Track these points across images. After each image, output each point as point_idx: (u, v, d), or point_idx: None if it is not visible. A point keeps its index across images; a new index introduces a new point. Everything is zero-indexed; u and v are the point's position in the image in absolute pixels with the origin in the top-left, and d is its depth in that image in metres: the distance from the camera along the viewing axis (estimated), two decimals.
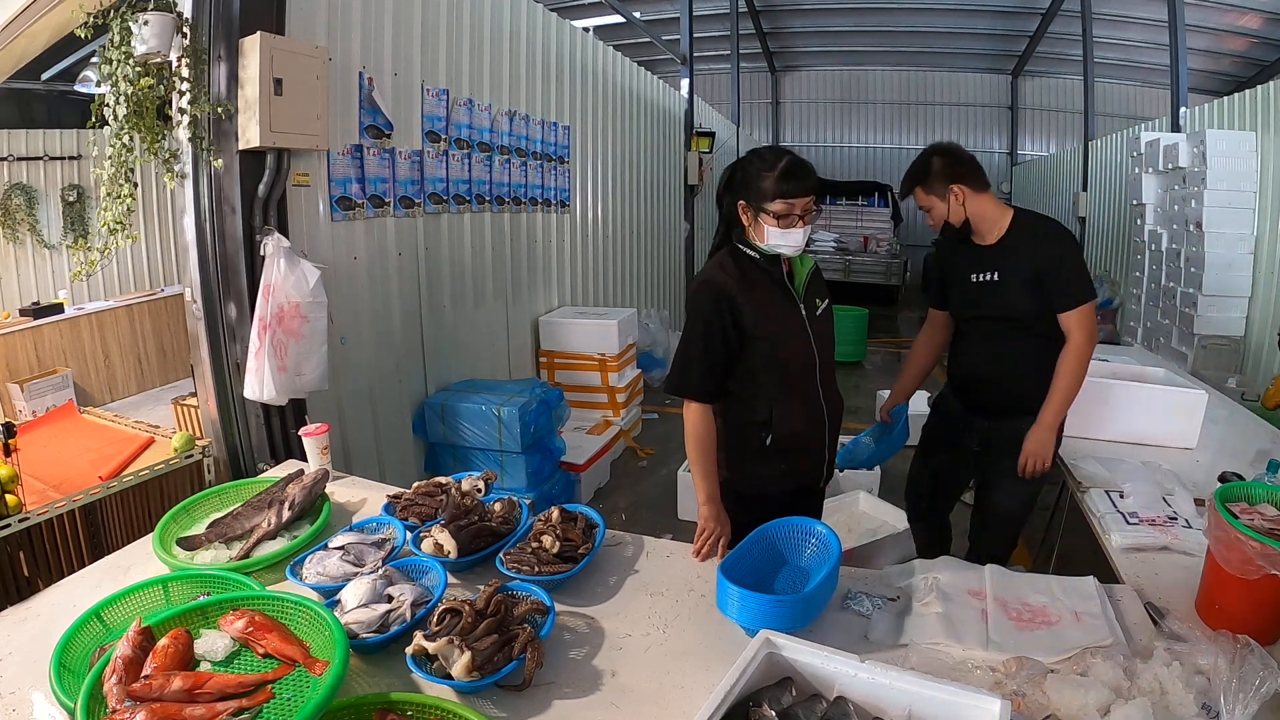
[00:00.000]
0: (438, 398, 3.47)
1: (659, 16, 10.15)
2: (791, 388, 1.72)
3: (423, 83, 3.31)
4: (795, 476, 1.79)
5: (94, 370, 3.48)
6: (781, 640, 1.12)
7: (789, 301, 1.70)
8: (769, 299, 1.68)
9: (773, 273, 1.69)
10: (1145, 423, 2.39)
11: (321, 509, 1.75)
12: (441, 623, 1.25)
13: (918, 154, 2.14)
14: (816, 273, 1.81)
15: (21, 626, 1.38)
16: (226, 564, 1.54)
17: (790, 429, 1.72)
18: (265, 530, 1.63)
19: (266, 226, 2.33)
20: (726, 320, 1.64)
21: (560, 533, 1.55)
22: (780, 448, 1.72)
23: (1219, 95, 6.38)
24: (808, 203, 1.60)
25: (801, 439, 1.75)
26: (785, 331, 1.69)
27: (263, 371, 2.23)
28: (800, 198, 1.58)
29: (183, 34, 2.15)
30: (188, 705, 1.02)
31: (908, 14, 11.42)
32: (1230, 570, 1.24)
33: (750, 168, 1.63)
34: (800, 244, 1.62)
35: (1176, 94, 6.63)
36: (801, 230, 1.61)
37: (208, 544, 1.63)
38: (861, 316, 7.08)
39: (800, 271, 1.76)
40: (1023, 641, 1.27)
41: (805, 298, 1.73)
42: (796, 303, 1.71)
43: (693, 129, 7.59)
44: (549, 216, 4.70)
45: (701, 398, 1.68)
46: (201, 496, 1.84)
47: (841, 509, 3.24)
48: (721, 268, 1.68)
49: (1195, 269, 5.43)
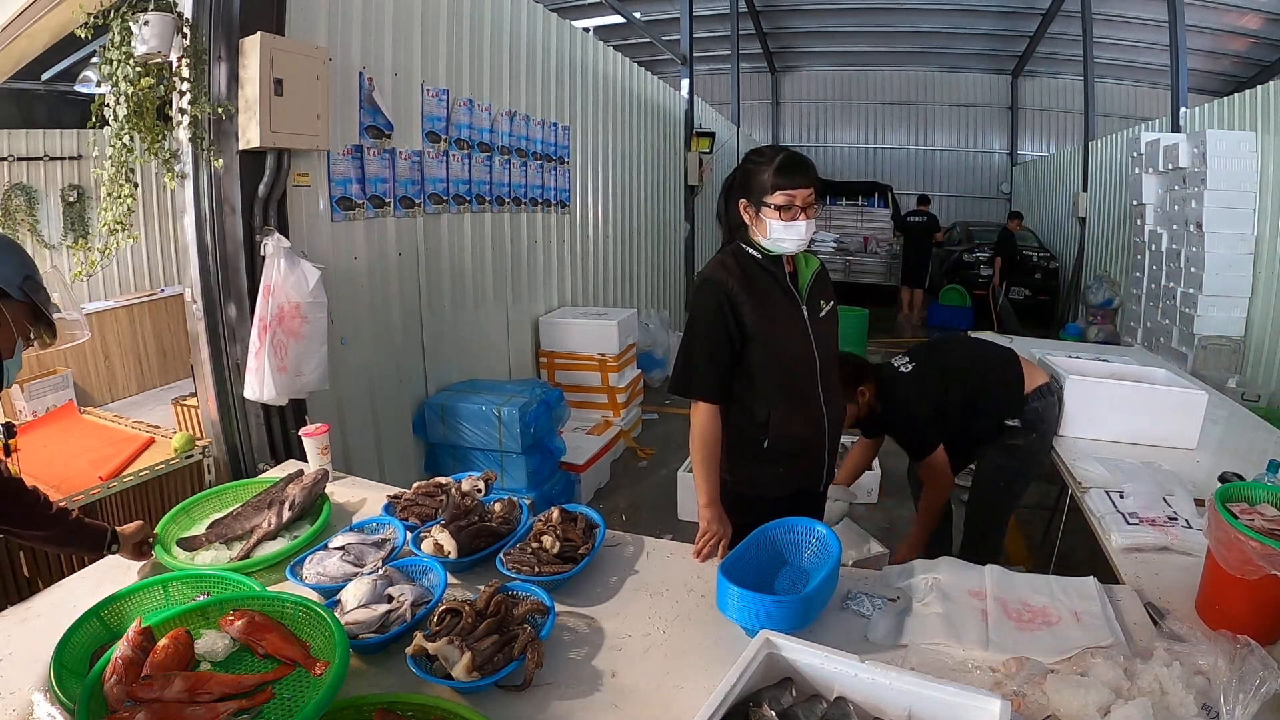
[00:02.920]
0: (438, 398, 3.47)
1: (659, 16, 10.16)
2: (791, 390, 1.69)
3: (423, 83, 3.31)
4: (794, 480, 1.77)
5: (94, 370, 3.47)
6: (781, 640, 1.12)
7: (791, 302, 1.68)
8: (770, 299, 1.66)
9: (775, 272, 1.67)
10: (1145, 423, 2.39)
11: (321, 509, 1.75)
12: (441, 623, 1.25)
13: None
14: (822, 274, 1.77)
15: (22, 626, 1.38)
16: (226, 564, 1.54)
17: (788, 432, 1.70)
18: (265, 530, 1.63)
19: (266, 227, 2.33)
20: (729, 318, 1.62)
21: (560, 533, 1.55)
22: (779, 450, 1.70)
23: (1219, 95, 6.39)
24: (809, 195, 1.58)
25: (800, 442, 1.73)
26: (785, 332, 1.67)
27: (263, 372, 2.23)
28: (800, 189, 1.58)
29: (183, 34, 2.16)
30: (188, 706, 1.02)
31: (908, 14, 11.42)
32: (1230, 570, 1.24)
33: (748, 166, 1.63)
34: (803, 237, 1.61)
35: (1176, 94, 6.64)
36: (804, 223, 1.59)
37: (208, 544, 1.63)
38: (861, 316, 7.07)
39: (804, 272, 1.73)
40: (1023, 641, 1.27)
41: (808, 299, 1.71)
42: (799, 303, 1.69)
43: (693, 129, 7.59)
44: (549, 216, 4.70)
45: (709, 397, 1.66)
46: (201, 497, 1.84)
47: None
48: (723, 266, 1.66)
49: (1195, 269, 5.43)
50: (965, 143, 14.11)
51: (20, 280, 1.29)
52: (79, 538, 1.47)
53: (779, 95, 14.90)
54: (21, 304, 1.30)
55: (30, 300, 1.31)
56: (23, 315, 1.32)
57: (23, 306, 1.31)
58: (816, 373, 1.70)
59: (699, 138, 7.60)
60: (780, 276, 1.67)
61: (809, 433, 1.73)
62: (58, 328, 1.41)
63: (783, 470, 1.73)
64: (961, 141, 14.11)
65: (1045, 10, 10.49)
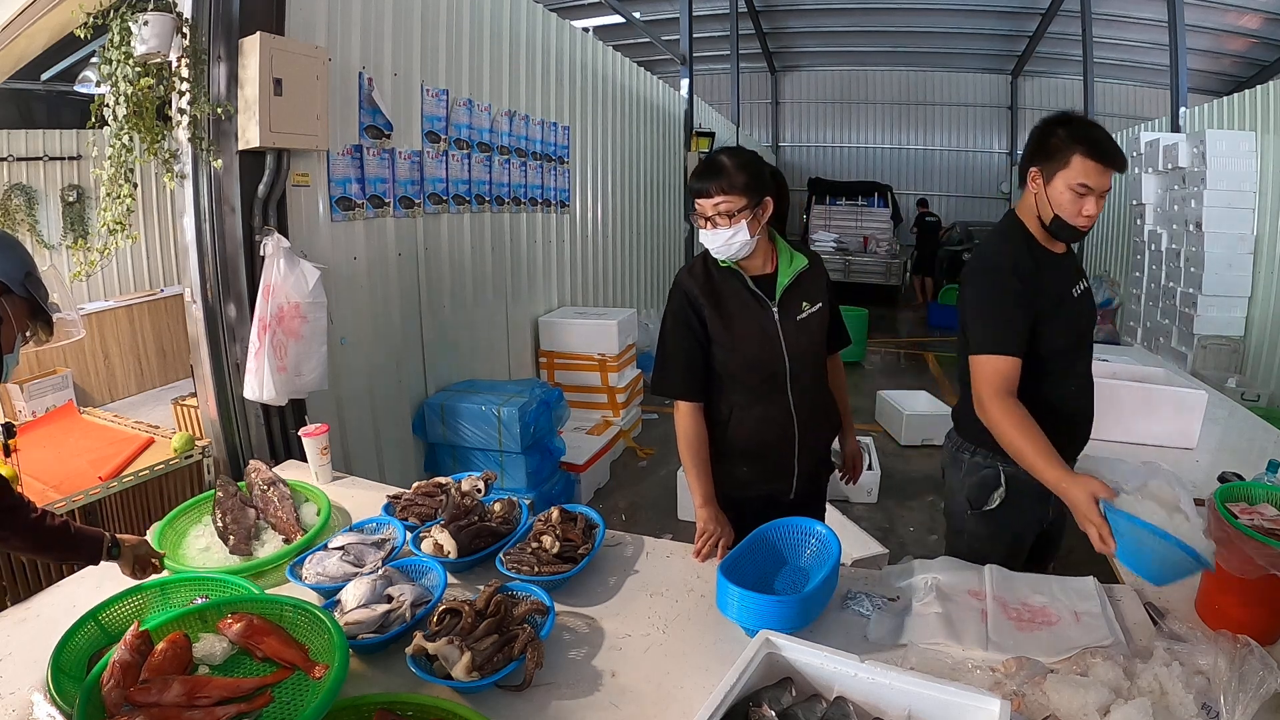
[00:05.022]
0: (437, 398, 3.47)
1: (659, 16, 10.16)
2: (753, 392, 1.67)
3: (423, 83, 3.31)
4: (759, 484, 1.73)
5: (94, 370, 3.47)
6: (781, 640, 1.12)
7: (759, 305, 1.64)
8: (734, 303, 1.64)
9: (740, 276, 1.65)
10: (1145, 423, 2.39)
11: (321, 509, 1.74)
12: (441, 623, 1.25)
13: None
14: (809, 274, 1.69)
15: (21, 626, 1.38)
16: (226, 567, 1.53)
17: (746, 433, 1.69)
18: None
19: (266, 227, 2.33)
20: (693, 319, 1.64)
21: (560, 533, 1.55)
22: (737, 449, 1.70)
23: (1219, 95, 6.39)
24: (715, 204, 1.53)
25: (758, 443, 1.70)
26: (746, 335, 1.63)
27: (263, 371, 2.22)
28: (703, 198, 1.55)
29: (183, 34, 2.15)
30: (186, 710, 1.01)
31: (908, 14, 11.43)
32: (1230, 570, 1.24)
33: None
34: (717, 245, 1.57)
35: (1176, 94, 6.64)
36: (723, 230, 1.55)
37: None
38: (861, 316, 7.08)
39: (784, 273, 1.66)
40: (1022, 641, 1.27)
41: (784, 300, 1.65)
42: (767, 307, 1.64)
43: (692, 129, 7.60)
44: (549, 216, 4.69)
45: (684, 395, 1.67)
46: (202, 498, 1.84)
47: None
48: (690, 271, 1.68)
49: (1195, 269, 5.43)
50: (965, 143, 14.11)
51: (22, 276, 1.29)
52: (66, 545, 1.35)
53: (779, 95, 14.90)
54: (22, 300, 1.31)
55: (30, 296, 1.31)
56: (23, 311, 1.32)
57: (23, 302, 1.31)
58: (786, 375, 1.66)
59: (699, 138, 7.61)
60: (745, 280, 1.65)
61: (770, 434, 1.70)
62: (55, 325, 1.41)
63: (745, 470, 1.71)
64: (961, 141, 14.12)
65: (1045, 10, 10.49)
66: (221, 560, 1.59)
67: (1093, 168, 1.45)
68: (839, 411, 1.89)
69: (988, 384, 1.49)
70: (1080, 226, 1.52)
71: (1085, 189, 1.46)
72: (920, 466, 4.42)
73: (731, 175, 1.54)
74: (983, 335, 1.52)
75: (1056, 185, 1.49)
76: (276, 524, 1.69)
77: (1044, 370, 1.57)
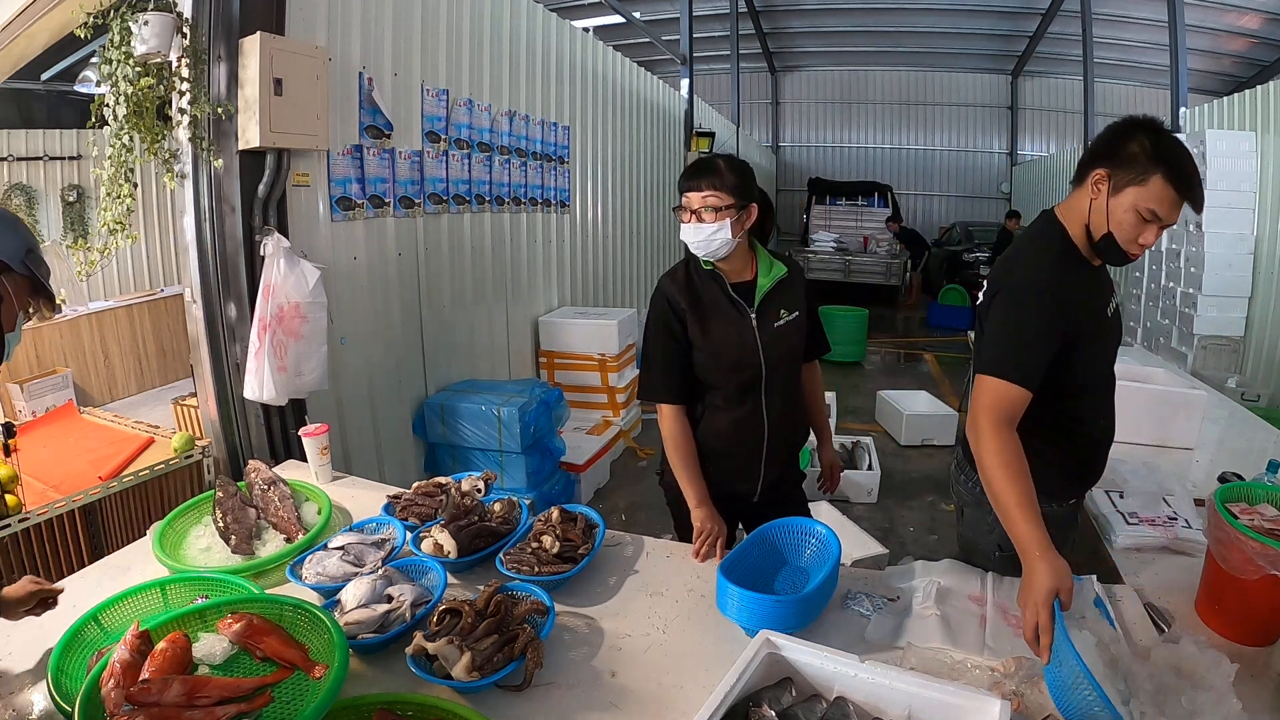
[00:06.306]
0: (437, 398, 3.47)
1: (659, 16, 10.16)
2: (728, 395, 1.70)
3: (423, 83, 3.31)
4: (726, 484, 1.74)
5: (94, 370, 3.47)
6: (781, 640, 1.12)
7: (738, 312, 1.66)
8: (714, 308, 1.66)
9: (721, 281, 1.66)
10: (1145, 423, 2.39)
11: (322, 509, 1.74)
12: (441, 623, 1.25)
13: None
14: (787, 282, 1.70)
15: (21, 626, 1.38)
16: (226, 566, 1.53)
17: (716, 434, 1.71)
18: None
19: (266, 226, 2.33)
20: (674, 324, 1.66)
21: (560, 533, 1.55)
22: (708, 450, 1.72)
23: (1219, 95, 6.39)
24: (703, 198, 1.56)
25: (726, 443, 1.72)
26: (722, 340, 1.66)
27: (263, 371, 2.23)
28: (693, 192, 1.58)
29: (183, 34, 2.15)
30: (186, 710, 1.01)
31: (908, 14, 11.44)
32: (1230, 570, 1.24)
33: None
34: (699, 240, 1.58)
35: (1176, 94, 6.64)
36: (705, 226, 1.56)
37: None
38: (861, 316, 7.08)
39: (764, 280, 1.68)
40: (1019, 647, 1.26)
41: (762, 307, 1.67)
42: (746, 313, 1.66)
43: (692, 129, 7.60)
44: (549, 216, 4.69)
45: (666, 398, 1.69)
46: (203, 498, 1.84)
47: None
48: (672, 275, 1.70)
49: (1195, 269, 5.43)
50: (965, 143, 14.13)
51: (22, 254, 1.29)
52: None
53: (779, 95, 14.92)
54: (23, 277, 1.31)
55: (31, 273, 1.31)
56: (24, 288, 1.32)
57: (24, 280, 1.31)
58: (761, 381, 1.69)
59: (699, 137, 7.61)
60: (725, 285, 1.66)
61: (740, 436, 1.73)
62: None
63: (711, 469, 1.72)
64: (961, 141, 14.13)
65: (1045, 10, 10.50)
66: (223, 560, 1.59)
67: (1170, 196, 1.27)
68: (812, 419, 1.93)
69: (989, 410, 1.30)
70: (1132, 255, 1.34)
71: (1154, 216, 1.28)
72: (920, 466, 4.42)
73: (723, 174, 1.58)
74: (999, 356, 1.33)
75: (1123, 200, 1.30)
76: (278, 523, 1.69)
77: (1080, 399, 1.42)
